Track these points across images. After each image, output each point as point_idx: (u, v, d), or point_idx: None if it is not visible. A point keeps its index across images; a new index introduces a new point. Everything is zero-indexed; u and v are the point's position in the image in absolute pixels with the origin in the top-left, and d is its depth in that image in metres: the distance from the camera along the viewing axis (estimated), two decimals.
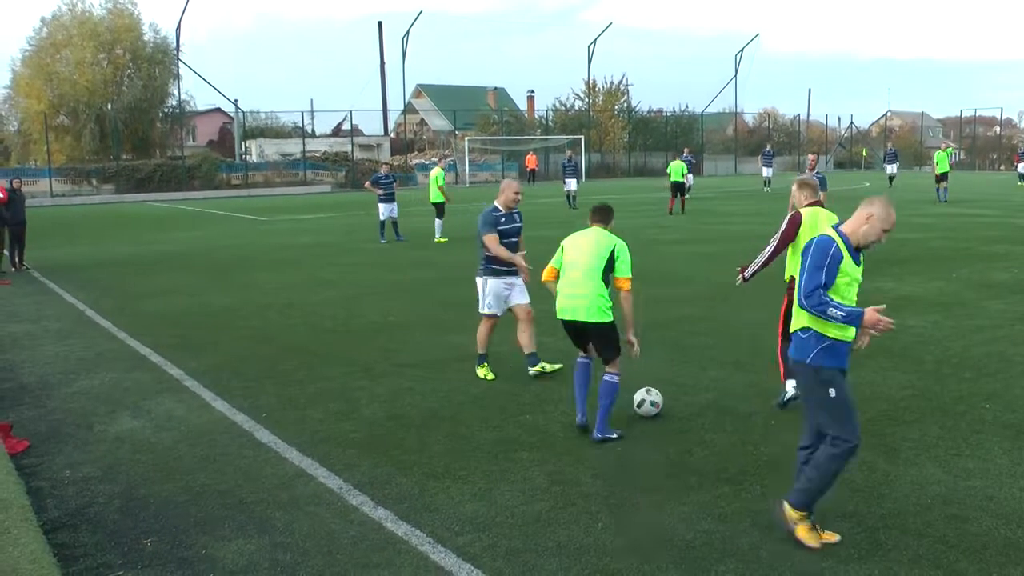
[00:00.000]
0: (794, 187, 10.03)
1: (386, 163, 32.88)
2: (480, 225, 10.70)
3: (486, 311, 10.96)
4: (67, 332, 14.20)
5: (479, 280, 10.95)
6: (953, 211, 34.04)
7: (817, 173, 19.48)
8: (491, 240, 10.58)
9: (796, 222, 9.57)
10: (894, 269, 18.66)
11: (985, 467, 7.65)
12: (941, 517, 6.66)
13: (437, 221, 27.15)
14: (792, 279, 9.32)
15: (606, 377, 8.66)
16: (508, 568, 6.01)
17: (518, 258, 10.67)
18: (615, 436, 8.50)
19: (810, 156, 20.08)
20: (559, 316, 8.88)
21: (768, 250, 9.80)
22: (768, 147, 59.74)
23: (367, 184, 27.90)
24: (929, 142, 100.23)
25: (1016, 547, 6.17)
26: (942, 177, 39.52)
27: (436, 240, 26.72)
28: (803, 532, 6.26)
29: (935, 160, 41.14)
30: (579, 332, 8.90)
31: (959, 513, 6.72)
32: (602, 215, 9.13)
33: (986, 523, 6.54)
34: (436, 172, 28.33)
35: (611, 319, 8.69)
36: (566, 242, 9.01)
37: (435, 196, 27.49)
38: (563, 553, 6.21)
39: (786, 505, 6.35)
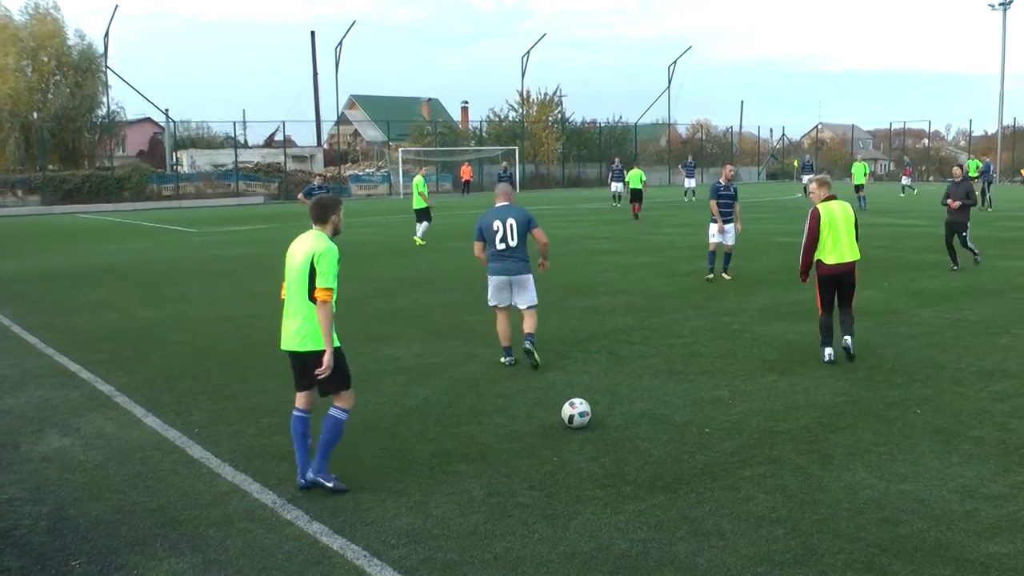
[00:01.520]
0: (813, 185, 11.96)
1: (319, 174, 32.77)
2: None
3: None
4: None
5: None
6: (883, 221, 34.61)
7: (731, 184, 19.63)
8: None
9: (816, 217, 11.48)
10: None
11: (916, 471, 7.79)
12: (873, 521, 6.77)
13: (423, 224, 28.57)
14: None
15: (331, 411, 7.65)
16: None
17: None
18: (330, 485, 7.52)
19: (727, 167, 20.50)
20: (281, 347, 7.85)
21: (804, 247, 11.57)
22: (689, 158, 60.33)
23: (300, 196, 27.84)
24: (859, 154, 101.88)
25: (946, 548, 6.29)
26: (859, 187, 43.14)
27: (415, 240, 28.27)
28: None
29: (852, 172, 45.24)
30: (299, 366, 7.75)
31: (891, 516, 6.84)
32: (315, 212, 7.76)
33: (917, 525, 6.66)
34: (418, 179, 29.52)
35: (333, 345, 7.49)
36: (288, 251, 7.85)
37: (418, 202, 28.73)
38: (500, 565, 6.21)
39: None
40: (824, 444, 8.54)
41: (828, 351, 11.69)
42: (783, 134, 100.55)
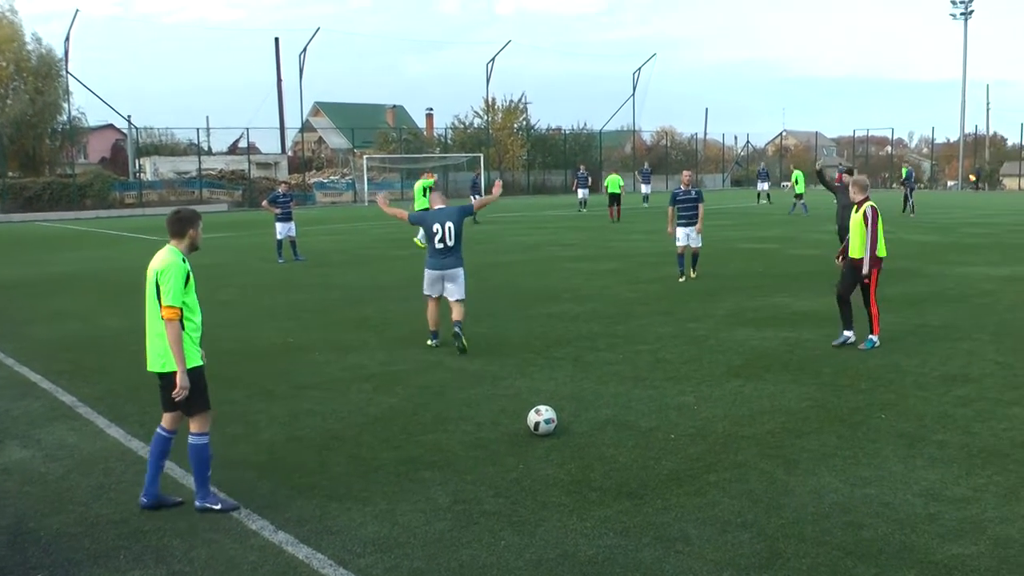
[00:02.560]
0: (853, 184, 13.14)
1: (284, 181, 32.67)
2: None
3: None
4: None
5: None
6: None
7: (694, 187, 20.18)
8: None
9: (877, 213, 12.79)
10: (791, 285, 19.10)
11: (881, 475, 7.85)
12: (839, 525, 6.82)
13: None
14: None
15: (189, 439, 7.42)
16: None
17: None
18: (219, 507, 7.35)
19: (685, 173, 20.96)
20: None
21: (869, 240, 12.71)
22: (646, 165, 60.60)
23: (264, 203, 27.74)
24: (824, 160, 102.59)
25: (911, 550, 6.35)
26: (800, 196, 44.61)
27: (415, 241, 28.74)
28: None
29: (793, 180, 46.25)
30: (161, 387, 7.47)
31: (856, 520, 6.89)
32: (172, 226, 7.49)
33: (882, 529, 6.72)
34: (423, 182, 31.26)
35: (187, 365, 7.23)
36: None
37: (421, 204, 29.29)
38: (466, 572, 6.21)
39: None
40: (789, 449, 8.59)
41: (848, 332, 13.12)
42: (748, 141, 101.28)
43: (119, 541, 6.85)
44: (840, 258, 13.56)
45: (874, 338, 12.92)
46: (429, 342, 13.47)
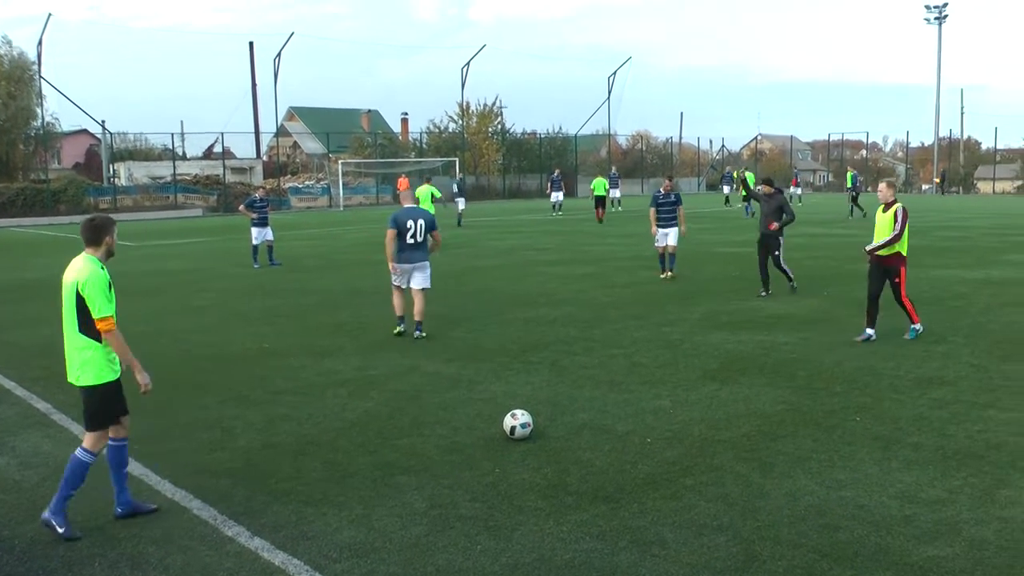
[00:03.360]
0: (885, 186, 13.80)
1: (260, 186, 32.56)
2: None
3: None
4: None
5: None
6: (823, 231, 35.21)
7: (672, 192, 21.06)
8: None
9: (906, 213, 13.43)
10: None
11: (856, 477, 7.90)
12: (814, 527, 6.85)
13: None
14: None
15: (77, 451, 7.23)
16: None
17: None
18: (61, 531, 6.97)
19: (665, 181, 21.81)
20: None
21: (897, 232, 13.31)
22: (614, 169, 60.05)
23: (241, 207, 27.68)
24: (799, 164, 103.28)
25: (886, 552, 6.39)
26: (746, 197, 43.40)
27: None
28: None
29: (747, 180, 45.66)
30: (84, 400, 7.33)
31: (831, 523, 6.93)
32: (87, 234, 7.27)
33: (857, 531, 6.76)
34: (426, 189, 32.89)
35: (95, 382, 7.16)
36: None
37: (428, 208, 29.68)
38: None
39: None
40: (765, 452, 8.63)
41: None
42: (723, 145, 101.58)
43: (94, 548, 6.82)
44: (868, 258, 13.98)
45: (917, 326, 13.75)
46: (396, 329, 14.68)
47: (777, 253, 18.36)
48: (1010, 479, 7.81)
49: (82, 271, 7.04)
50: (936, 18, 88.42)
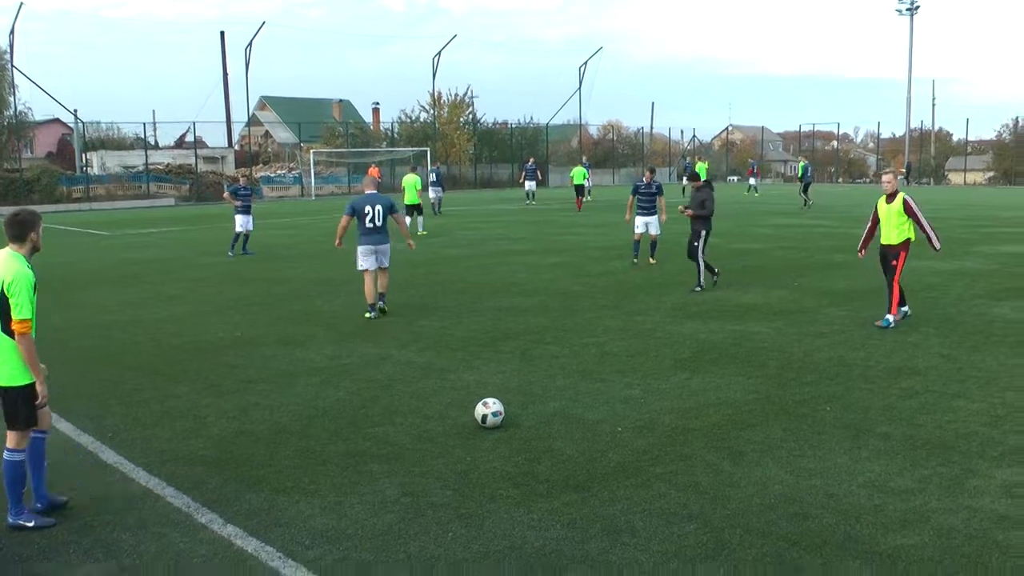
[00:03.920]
0: (891, 177, 14.45)
1: (243, 175, 32.48)
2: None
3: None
4: None
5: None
6: (792, 222, 35.34)
7: (653, 182, 22.01)
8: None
9: (913, 200, 14.13)
10: (737, 279, 19.26)
11: (826, 466, 7.97)
12: (784, 516, 6.92)
13: (419, 218, 32.23)
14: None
15: (4, 454, 7.08)
16: None
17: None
18: (31, 524, 6.99)
19: (647, 173, 22.25)
20: None
21: (925, 222, 14.13)
22: (530, 160, 59.72)
23: (226, 195, 27.82)
24: (769, 154, 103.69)
25: (855, 541, 6.46)
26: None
27: (420, 233, 31.07)
28: None
29: (696, 170, 45.54)
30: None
31: (801, 511, 7.00)
32: (12, 230, 7.09)
33: (827, 520, 6.83)
34: (412, 178, 32.68)
35: (17, 383, 6.95)
36: None
37: (412, 198, 32.00)
38: (414, 564, 6.27)
39: None
40: (735, 441, 8.71)
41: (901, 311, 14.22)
42: (694, 135, 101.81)
43: (68, 536, 6.86)
44: (862, 251, 14.86)
45: (890, 318, 13.96)
46: (367, 315, 15.42)
47: (696, 244, 17.90)
48: (978, 468, 7.88)
49: (9, 270, 6.80)
50: (908, 9, 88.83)
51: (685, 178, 22.37)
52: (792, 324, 14.33)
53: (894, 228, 14.03)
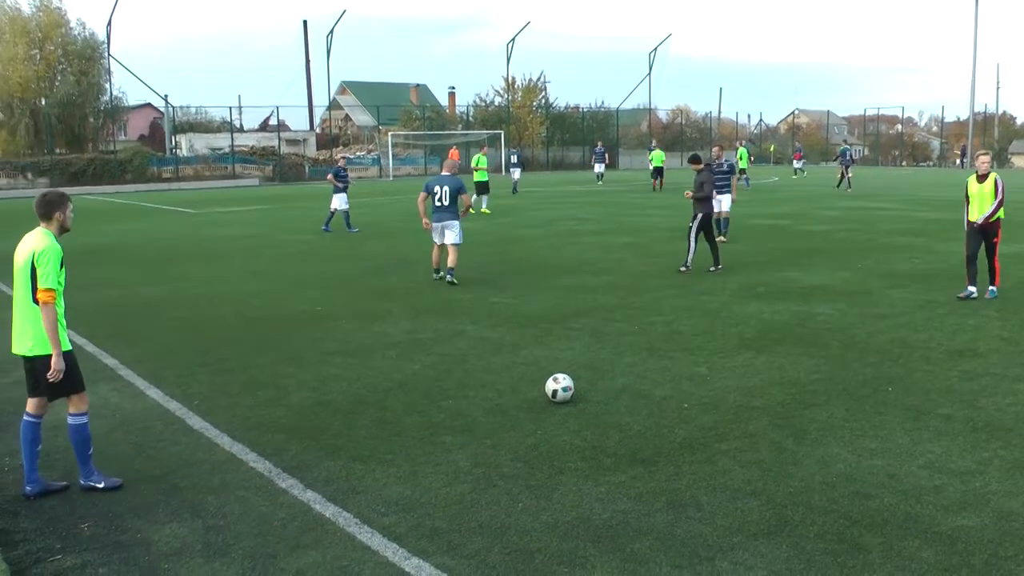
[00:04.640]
0: (988, 158, 15.35)
1: (344, 157, 33.94)
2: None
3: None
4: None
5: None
6: (857, 205, 34.96)
7: (723, 161, 22.13)
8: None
9: (1003, 182, 14.87)
10: (802, 260, 19.28)
11: (887, 447, 7.97)
12: (845, 494, 6.94)
13: (483, 197, 33.19)
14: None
15: (69, 419, 7.36)
16: (432, 547, 6.18)
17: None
18: (102, 485, 7.30)
19: (715, 148, 22.40)
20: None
21: (1000, 199, 14.70)
22: (599, 144, 59.34)
23: (329, 176, 28.87)
24: (834, 138, 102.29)
25: (915, 520, 6.46)
26: (743, 171, 45.14)
27: (483, 211, 32.47)
28: None
29: (737, 156, 46.04)
30: (29, 370, 7.38)
31: (862, 490, 7.02)
32: (41, 209, 7.37)
33: (887, 499, 6.84)
34: (479, 157, 35.28)
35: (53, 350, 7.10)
36: (16, 250, 7.46)
37: (480, 176, 33.88)
38: (485, 532, 6.40)
39: None
40: (798, 420, 8.74)
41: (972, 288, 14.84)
42: (760, 119, 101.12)
43: (157, 496, 7.16)
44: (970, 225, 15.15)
45: (994, 288, 14.93)
46: (434, 276, 17.28)
47: (691, 224, 18.20)
48: None
49: (39, 243, 7.15)
50: None
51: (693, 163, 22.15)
52: (855, 305, 14.32)
53: (989, 207, 14.66)
